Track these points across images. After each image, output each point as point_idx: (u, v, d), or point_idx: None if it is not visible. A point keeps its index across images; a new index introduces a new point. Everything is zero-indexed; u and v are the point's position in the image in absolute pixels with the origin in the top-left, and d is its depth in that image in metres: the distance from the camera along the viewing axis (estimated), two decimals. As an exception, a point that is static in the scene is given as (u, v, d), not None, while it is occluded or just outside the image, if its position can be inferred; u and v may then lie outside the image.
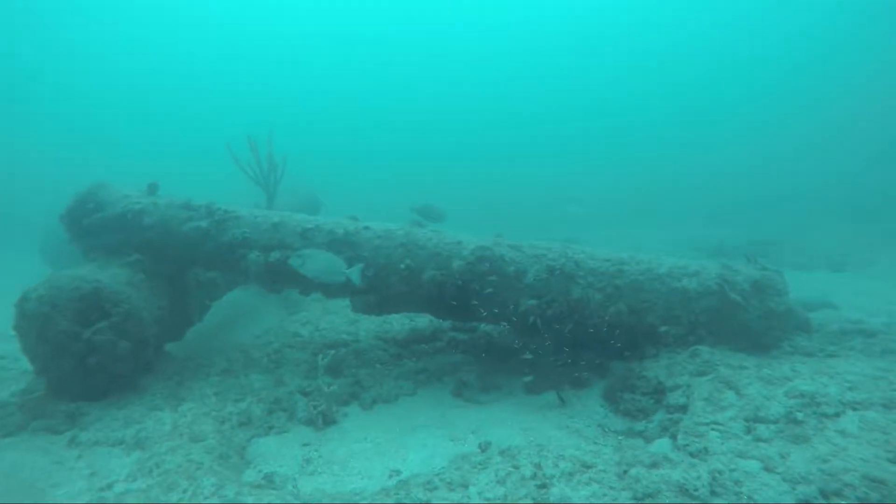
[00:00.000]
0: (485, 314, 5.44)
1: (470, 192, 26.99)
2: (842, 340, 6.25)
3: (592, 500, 3.24)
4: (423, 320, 7.02)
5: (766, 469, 3.40)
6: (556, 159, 37.04)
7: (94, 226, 5.35)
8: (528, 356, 5.32)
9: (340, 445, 4.58)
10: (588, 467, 3.63)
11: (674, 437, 4.22)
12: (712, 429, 4.07)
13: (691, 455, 3.80)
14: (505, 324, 5.69)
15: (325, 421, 4.92)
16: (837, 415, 3.90)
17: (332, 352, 5.34)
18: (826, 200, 18.04)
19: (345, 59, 54.28)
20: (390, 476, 4.07)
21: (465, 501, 3.38)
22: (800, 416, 3.94)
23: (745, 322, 5.41)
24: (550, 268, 5.39)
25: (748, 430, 3.95)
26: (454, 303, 5.38)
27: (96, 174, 6.70)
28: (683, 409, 4.60)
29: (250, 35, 53.32)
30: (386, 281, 5.43)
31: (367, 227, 5.65)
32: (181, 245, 5.52)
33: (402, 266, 5.38)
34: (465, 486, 3.54)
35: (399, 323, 7.06)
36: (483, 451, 4.27)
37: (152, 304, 5.27)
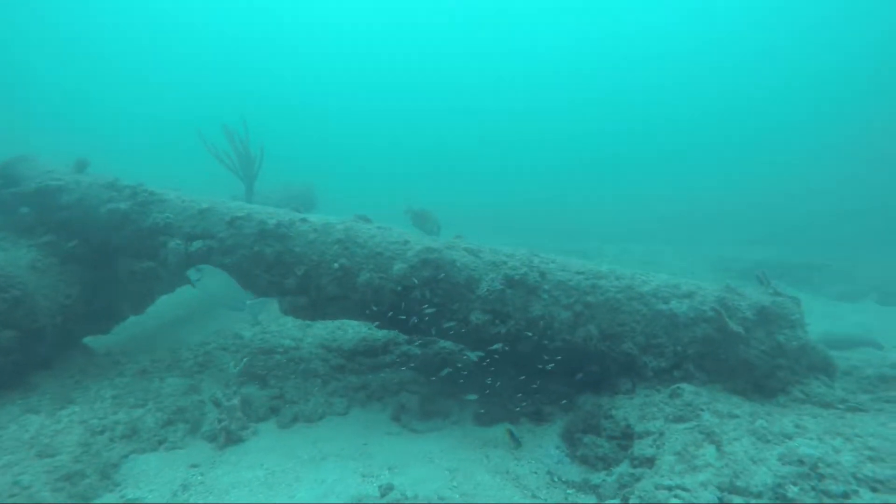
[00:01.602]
0: (428, 327, 4.64)
1: (510, 206, 26.05)
2: (877, 389, 5.13)
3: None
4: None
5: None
6: (601, 177, 35.53)
7: (4, 201, 4.89)
8: (445, 371, 4.51)
9: (231, 471, 3.87)
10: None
11: (626, 500, 3.30)
12: (675, 496, 3.14)
13: (636, 532, 2.90)
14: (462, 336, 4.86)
15: (227, 439, 4.23)
16: (846, 495, 2.91)
17: (246, 359, 4.65)
18: (882, 225, 16.20)
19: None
20: (261, 518, 3.33)
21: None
22: (792, 491, 2.97)
23: (746, 358, 4.38)
24: (508, 278, 4.54)
25: (720, 504, 3.00)
26: (392, 311, 4.60)
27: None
28: (650, 462, 3.67)
29: (260, 34, 53.79)
30: (317, 282, 4.71)
31: (303, 220, 4.96)
32: (101, 228, 4.98)
33: (336, 265, 4.65)
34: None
35: (354, 330, 6.32)
36: (382, 495, 3.46)
37: (59, 291, 4.74)
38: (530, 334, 4.49)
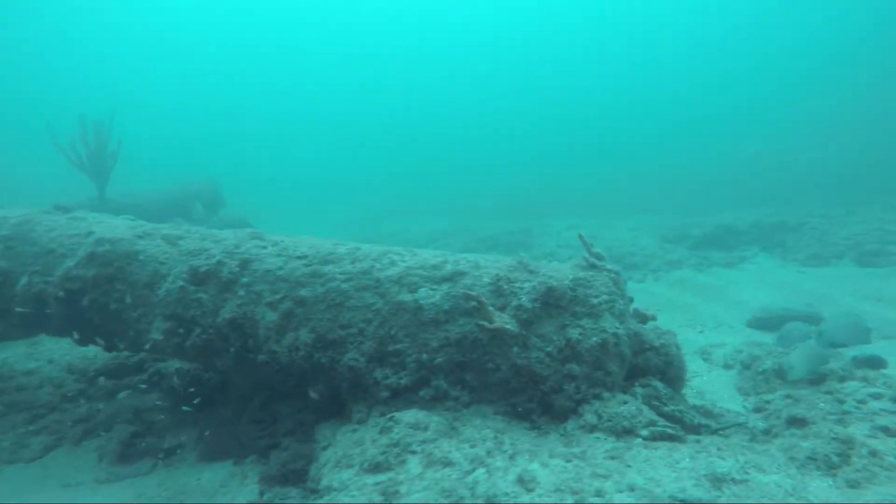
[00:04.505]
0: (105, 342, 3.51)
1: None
2: (761, 389, 3.79)
3: None
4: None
5: None
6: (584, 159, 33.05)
7: None
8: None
9: None
10: None
11: None
12: None
13: None
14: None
15: None
16: None
17: None
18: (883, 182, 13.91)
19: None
20: None
21: None
22: None
23: (526, 366, 3.05)
24: (193, 270, 3.34)
25: None
26: (58, 324, 3.50)
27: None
28: (304, 540, 2.44)
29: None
30: (-23, 292, 3.65)
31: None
32: None
33: (-9, 270, 3.57)
34: None
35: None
36: None
37: None
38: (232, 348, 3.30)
